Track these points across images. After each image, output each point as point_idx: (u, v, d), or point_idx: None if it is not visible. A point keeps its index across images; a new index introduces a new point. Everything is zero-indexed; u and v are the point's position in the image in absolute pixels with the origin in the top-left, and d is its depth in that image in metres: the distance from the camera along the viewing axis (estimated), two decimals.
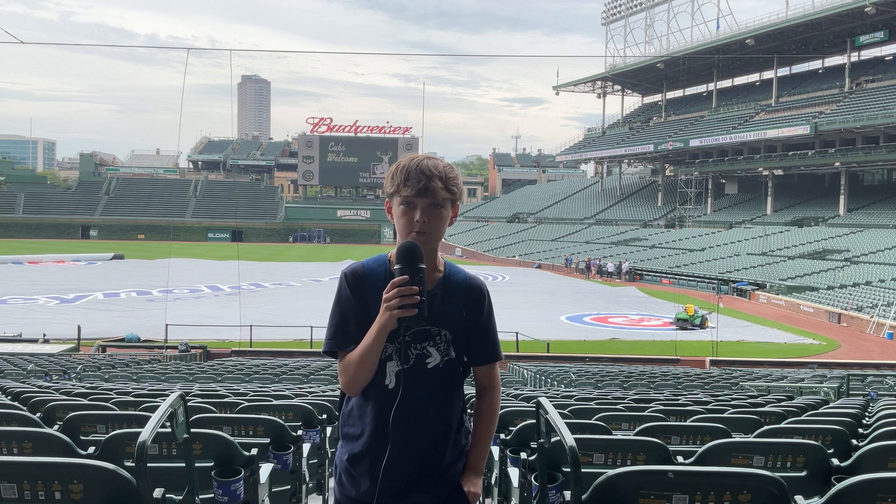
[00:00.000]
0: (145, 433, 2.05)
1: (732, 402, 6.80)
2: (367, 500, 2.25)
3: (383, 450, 2.21)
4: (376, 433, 2.23)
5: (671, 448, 3.37)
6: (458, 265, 2.39)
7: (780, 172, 60.39)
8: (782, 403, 6.72)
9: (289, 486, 4.19)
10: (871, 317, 31.05)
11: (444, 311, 2.25)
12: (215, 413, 4.69)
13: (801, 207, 59.33)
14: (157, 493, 2.19)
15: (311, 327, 21.11)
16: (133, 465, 2.09)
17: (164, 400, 2.40)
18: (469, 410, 2.48)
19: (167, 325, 22.30)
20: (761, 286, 41.32)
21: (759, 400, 7.37)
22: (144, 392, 6.78)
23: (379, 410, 2.24)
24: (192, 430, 2.61)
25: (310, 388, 8.47)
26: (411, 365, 2.24)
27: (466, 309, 2.31)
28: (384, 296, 2.09)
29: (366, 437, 2.25)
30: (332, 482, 2.38)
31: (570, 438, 2.00)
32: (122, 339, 22.53)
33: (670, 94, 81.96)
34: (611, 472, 2.13)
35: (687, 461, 3.22)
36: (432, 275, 2.27)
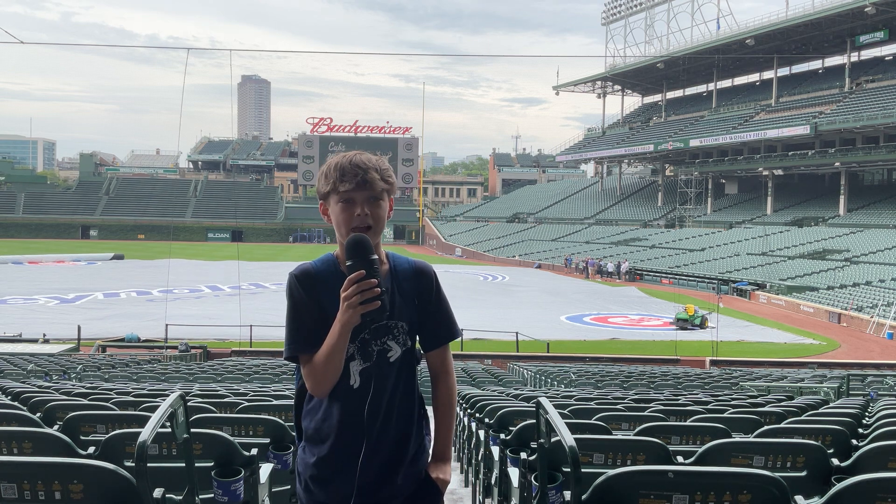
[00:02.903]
0: (145, 433, 2.05)
1: (732, 402, 6.80)
2: (340, 502, 2.22)
3: (355, 449, 2.20)
4: (345, 434, 2.21)
5: (671, 448, 3.37)
6: (398, 253, 2.35)
7: (780, 172, 60.39)
8: (782, 403, 6.72)
9: (289, 486, 4.19)
10: (871, 317, 31.05)
11: (397, 303, 2.24)
12: (215, 413, 4.68)
13: (801, 207, 59.33)
14: (157, 493, 2.19)
15: None
16: (133, 465, 2.09)
17: (164, 400, 2.40)
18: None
19: (167, 325, 22.31)
20: (761, 286, 41.32)
21: (759, 400, 7.37)
22: (144, 392, 6.78)
23: (344, 411, 2.22)
24: (192, 430, 2.61)
25: None
26: (374, 361, 2.23)
27: (417, 296, 2.29)
28: (343, 293, 2.06)
29: (333, 439, 2.23)
30: (298, 488, 2.35)
31: (570, 438, 2.00)
32: (122, 339, 22.53)
33: (670, 94, 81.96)
34: (611, 472, 2.13)
35: (687, 461, 3.22)
36: (381, 268, 2.25)
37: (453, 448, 8.60)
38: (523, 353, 21.96)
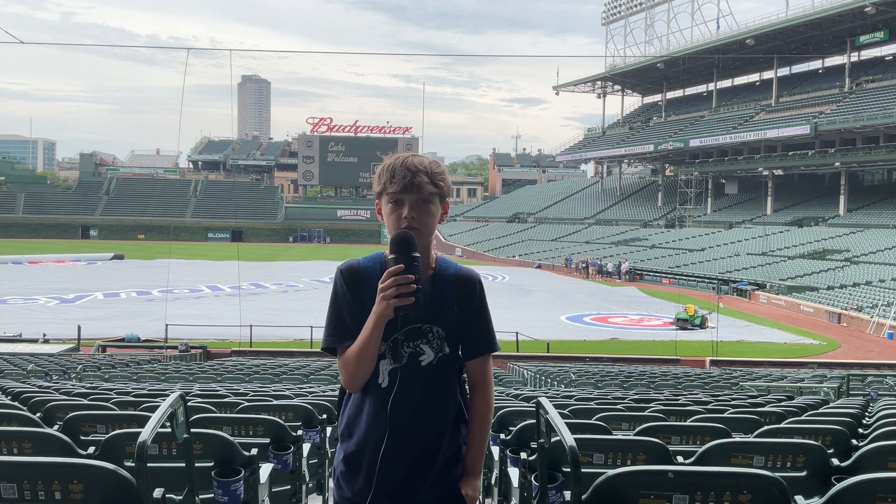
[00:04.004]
0: (145, 433, 2.05)
1: (732, 402, 6.80)
2: (361, 500, 2.24)
3: (378, 449, 2.21)
4: (370, 433, 2.23)
5: (671, 448, 3.37)
6: (450, 260, 2.36)
7: (780, 172, 60.39)
8: (782, 403, 6.72)
9: (289, 486, 4.19)
10: (871, 317, 31.05)
11: (435, 308, 2.24)
12: (215, 413, 4.69)
13: (801, 207, 59.33)
14: (157, 493, 2.19)
15: (311, 327, 21.11)
16: (133, 465, 2.09)
17: (164, 400, 2.40)
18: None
19: (167, 325, 22.29)
20: (761, 286, 41.32)
21: (759, 400, 7.37)
22: (144, 392, 6.78)
23: (373, 410, 2.24)
24: (192, 430, 2.62)
25: (310, 388, 8.48)
26: (405, 363, 2.23)
27: (458, 303, 2.29)
28: (380, 285, 2.08)
29: (359, 436, 2.25)
30: (331, 483, 2.38)
31: (570, 438, 2.00)
32: (122, 339, 22.52)
33: (670, 94, 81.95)
34: (611, 472, 2.13)
35: (687, 461, 3.22)
36: (425, 271, 2.26)
37: None
38: (523, 353, 21.95)
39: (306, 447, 4.64)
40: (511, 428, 4.66)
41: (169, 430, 2.30)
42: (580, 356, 21.47)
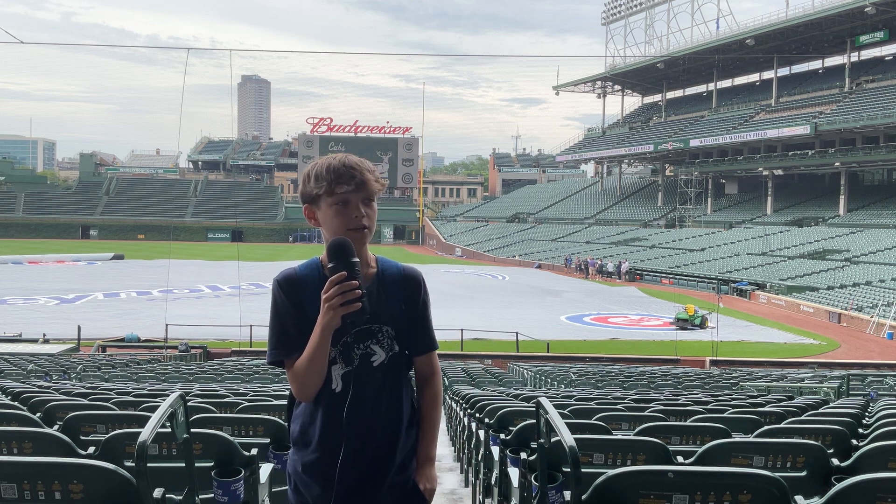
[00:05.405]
0: (145, 433, 2.05)
1: (732, 402, 6.80)
2: None
3: (337, 454, 2.18)
4: (327, 438, 2.20)
5: (671, 448, 3.37)
6: (388, 258, 2.34)
7: (780, 172, 60.39)
8: (782, 403, 6.71)
9: (288, 487, 4.19)
10: (871, 317, 31.05)
11: (383, 308, 2.22)
12: (215, 413, 4.68)
13: (801, 207, 59.33)
14: (157, 493, 2.19)
15: None
16: (133, 465, 2.09)
17: (164, 400, 2.40)
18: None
19: (167, 325, 22.31)
20: (761, 286, 41.32)
21: (759, 400, 7.37)
22: (144, 392, 6.78)
23: (327, 415, 2.20)
24: (192, 430, 2.61)
25: None
26: (356, 365, 2.21)
27: (405, 301, 2.27)
28: (324, 295, 2.05)
29: (316, 443, 2.22)
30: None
31: (570, 438, 2.00)
32: (122, 339, 22.54)
33: (670, 94, 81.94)
34: (611, 472, 2.13)
35: (687, 461, 3.22)
36: (366, 271, 2.24)
37: (453, 448, 8.60)
38: (523, 353, 21.97)
39: None
40: (511, 428, 4.66)
41: (169, 430, 2.30)
42: (580, 356, 21.49)
